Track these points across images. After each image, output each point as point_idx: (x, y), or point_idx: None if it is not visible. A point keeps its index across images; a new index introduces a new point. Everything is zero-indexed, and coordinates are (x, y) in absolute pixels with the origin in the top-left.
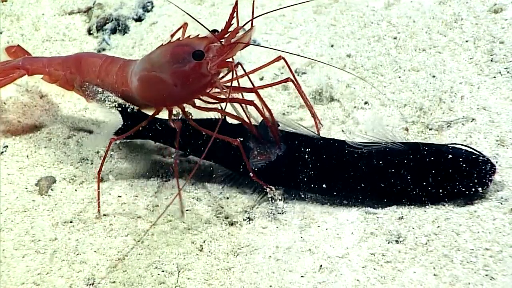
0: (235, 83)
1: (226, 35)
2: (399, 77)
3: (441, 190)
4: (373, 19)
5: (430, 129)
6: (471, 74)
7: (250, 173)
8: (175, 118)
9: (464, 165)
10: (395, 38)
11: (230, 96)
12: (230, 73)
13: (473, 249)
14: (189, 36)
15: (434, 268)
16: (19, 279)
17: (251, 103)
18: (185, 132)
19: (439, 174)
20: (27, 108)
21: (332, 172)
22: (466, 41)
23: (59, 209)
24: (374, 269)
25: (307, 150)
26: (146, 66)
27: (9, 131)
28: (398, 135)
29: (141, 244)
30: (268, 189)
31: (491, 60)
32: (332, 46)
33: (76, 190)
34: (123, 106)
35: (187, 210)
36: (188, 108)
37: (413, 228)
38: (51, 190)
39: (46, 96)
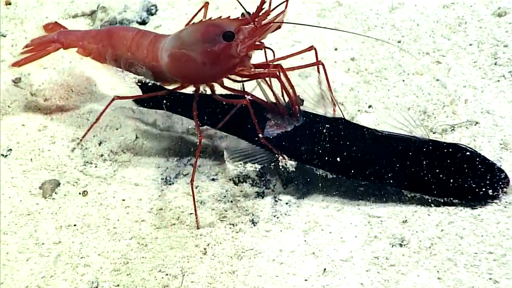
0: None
1: (258, 17)
2: (403, 80)
3: (453, 184)
4: (377, 22)
5: (434, 133)
6: (475, 78)
7: (260, 135)
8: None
9: (480, 166)
10: (399, 41)
11: (254, 72)
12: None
13: (476, 253)
14: (220, 17)
15: (438, 271)
16: (23, 282)
17: (274, 75)
18: (200, 102)
19: (455, 168)
20: (31, 112)
21: (347, 151)
22: (470, 45)
23: (63, 212)
24: (377, 272)
25: (325, 126)
26: (176, 43)
27: (13, 134)
28: (420, 132)
29: (145, 247)
30: (280, 157)
31: (495, 64)
32: (336, 49)
33: (79, 193)
34: (143, 81)
35: (190, 214)
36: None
37: (416, 232)
38: (55, 193)
39: (50, 100)
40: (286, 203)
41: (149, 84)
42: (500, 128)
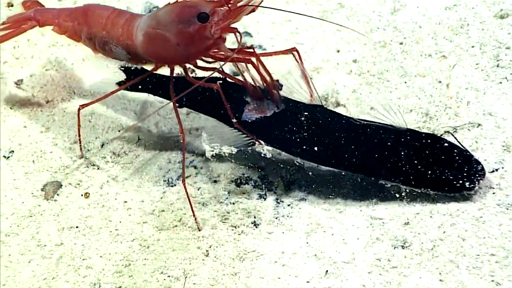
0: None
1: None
2: (405, 82)
3: (430, 175)
4: (379, 24)
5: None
6: (477, 80)
7: (233, 120)
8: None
9: (458, 157)
10: (401, 43)
11: (229, 56)
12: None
13: (479, 255)
14: None
15: (440, 273)
16: (25, 284)
17: (250, 61)
18: (179, 84)
19: (432, 159)
20: (33, 113)
21: (323, 139)
22: (472, 47)
23: (65, 214)
24: (379, 274)
25: (303, 113)
26: (152, 23)
27: (15, 136)
28: (398, 120)
29: (147, 249)
30: (257, 142)
31: (497, 66)
32: (338, 51)
33: (82, 195)
34: (126, 66)
35: (192, 216)
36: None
37: (418, 234)
38: (57, 195)
39: (52, 101)
40: (288, 205)
41: (132, 69)
42: (502, 130)
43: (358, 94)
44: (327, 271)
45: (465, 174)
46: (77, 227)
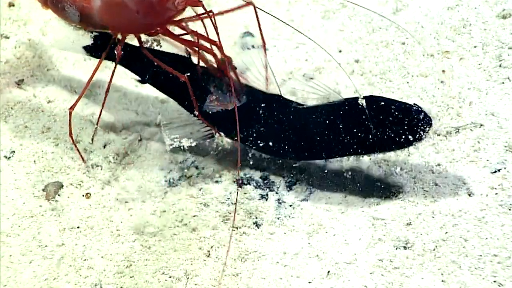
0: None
1: None
2: (407, 82)
3: (375, 138)
4: (382, 24)
5: (439, 135)
6: (479, 80)
7: (195, 112)
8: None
9: (397, 113)
10: (403, 43)
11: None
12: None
13: (481, 255)
14: None
15: (442, 274)
16: (26, 284)
17: (213, 42)
18: (145, 58)
19: (375, 121)
20: (34, 113)
21: (277, 130)
22: (475, 47)
23: (66, 214)
24: (381, 275)
25: (261, 105)
26: None
27: (16, 136)
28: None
29: (148, 249)
30: (217, 134)
31: (500, 66)
32: (340, 51)
33: (83, 195)
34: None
35: (194, 216)
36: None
37: (421, 234)
38: (58, 195)
39: (54, 101)
40: (290, 206)
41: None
42: (505, 131)
43: (360, 94)
44: (329, 271)
45: (408, 127)
46: (78, 227)
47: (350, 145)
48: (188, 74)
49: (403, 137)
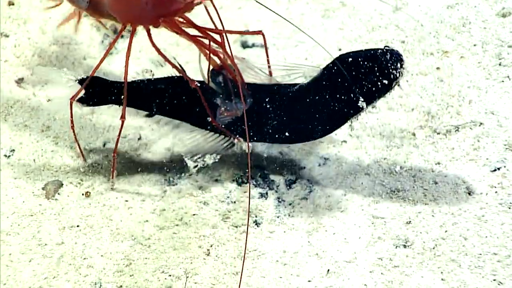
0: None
1: None
2: (407, 81)
3: (358, 95)
4: (381, 23)
5: (438, 133)
6: (479, 78)
7: (209, 119)
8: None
9: (367, 62)
10: (403, 42)
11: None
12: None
13: (481, 254)
14: None
15: (441, 272)
16: (26, 283)
17: (217, 42)
18: (148, 90)
19: (352, 79)
20: (34, 112)
21: (288, 115)
22: (474, 45)
23: (66, 213)
24: (381, 273)
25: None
26: None
27: (16, 135)
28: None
29: (148, 248)
30: (236, 140)
31: (499, 64)
32: (340, 50)
33: (82, 194)
34: (82, 78)
35: (194, 215)
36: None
37: (420, 233)
38: (58, 194)
39: (53, 100)
40: (290, 204)
41: (84, 77)
42: (505, 129)
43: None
44: (328, 270)
45: (380, 71)
46: (78, 226)
47: (343, 111)
48: (198, 84)
49: (379, 83)
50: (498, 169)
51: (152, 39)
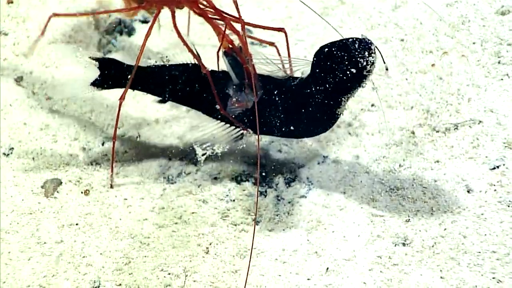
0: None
1: None
2: (406, 79)
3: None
4: (380, 21)
5: (437, 132)
6: (478, 76)
7: (219, 107)
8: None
9: (338, 53)
10: (402, 40)
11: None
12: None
13: (480, 252)
14: None
15: (441, 271)
16: (25, 281)
17: (235, 30)
18: (162, 76)
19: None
20: (33, 110)
21: (297, 108)
22: (473, 43)
23: (65, 211)
24: (380, 271)
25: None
26: None
27: (15, 133)
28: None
29: (147, 246)
30: (245, 132)
31: (499, 62)
32: None
33: (81, 192)
34: (101, 58)
35: (193, 213)
36: None
37: (419, 231)
38: (57, 192)
39: (52, 99)
40: (289, 202)
41: (106, 60)
42: (504, 127)
43: (359, 91)
44: (327, 268)
45: (349, 60)
46: (77, 224)
47: (331, 105)
48: (210, 69)
49: (348, 73)
50: (497, 167)
51: (176, 21)
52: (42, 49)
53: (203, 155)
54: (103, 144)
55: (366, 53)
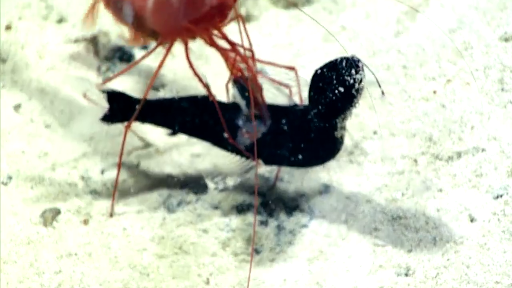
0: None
1: None
2: (409, 106)
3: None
4: (382, 47)
5: (440, 160)
6: (481, 104)
7: (226, 135)
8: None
9: (329, 73)
10: (404, 66)
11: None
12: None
13: (483, 282)
14: None
15: None
16: None
17: (247, 62)
18: (171, 109)
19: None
20: (31, 138)
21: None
22: (476, 70)
23: (64, 241)
24: None
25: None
26: None
27: (13, 162)
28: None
29: (147, 277)
30: (255, 162)
31: (502, 89)
32: None
33: (81, 221)
34: (110, 91)
35: (193, 243)
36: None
37: (422, 261)
38: (56, 221)
39: (51, 126)
40: (290, 232)
41: (116, 93)
42: (507, 155)
43: (361, 118)
44: None
45: (338, 80)
46: (76, 254)
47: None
48: (220, 100)
49: (337, 92)
50: (501, 196)
51: (189, 53)
52: (41, 75)
53: (215, 188)
54: (102, 173)
55: (353, 71)
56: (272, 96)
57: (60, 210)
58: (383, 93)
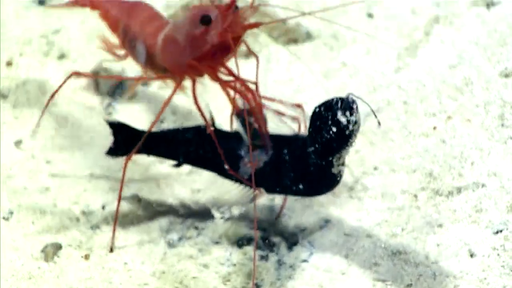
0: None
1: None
2: (409, 142)
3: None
4: (383, 82)
5: (440, 195)
6: (481, 139)
7: (226, 167)
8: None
9: (324, 113)
10: (405, 102)
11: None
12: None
13: None
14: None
15: None
16: None
17: (251, 91)
18: (176, 140)
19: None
20: (32, 174)
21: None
22: (477, 106)
23: (65, 276)
24: None
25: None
26: (171, 27)
27: (14, 197)
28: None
29: None
30: (257, 191)
31: (502, 125)
32: None
33: (82, 256)
34: (114, 122)
35: (194, 278)
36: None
37: None
38: (57, 256)
39: (52, 162)
40: (290, 267)
41: (120, 125)
42: (507, 191)
43: (361, 154)
44: None
45: (332, 120)
46: None
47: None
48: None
49: (331, 132)
50: (501, 231)
51: (195, 89)
52: (41, 112)
53: (221, 218)
54: (103, 208)
55: (348, 112)
56: (275, 127)
57: (62, 245)
58: (379, 123)
